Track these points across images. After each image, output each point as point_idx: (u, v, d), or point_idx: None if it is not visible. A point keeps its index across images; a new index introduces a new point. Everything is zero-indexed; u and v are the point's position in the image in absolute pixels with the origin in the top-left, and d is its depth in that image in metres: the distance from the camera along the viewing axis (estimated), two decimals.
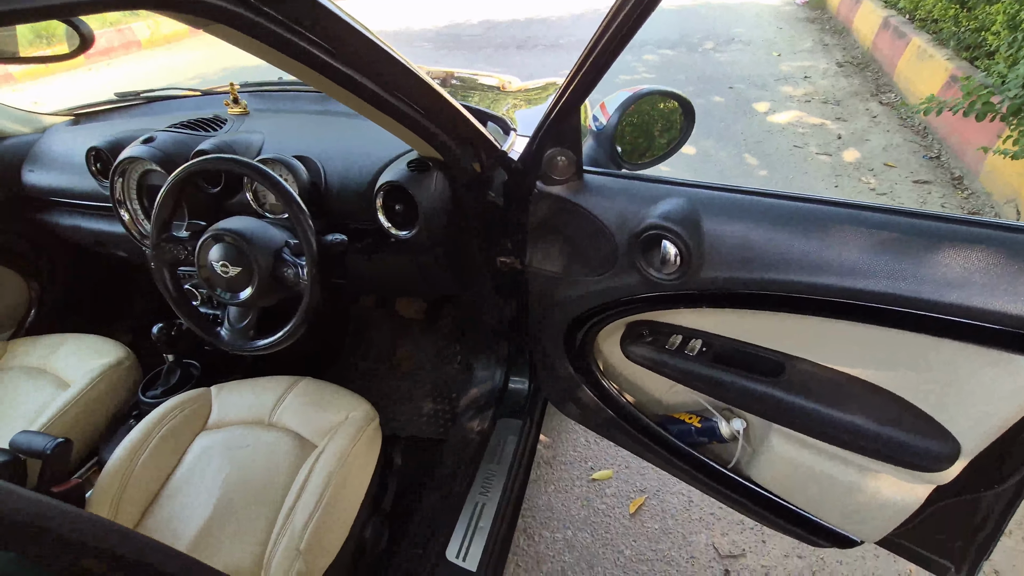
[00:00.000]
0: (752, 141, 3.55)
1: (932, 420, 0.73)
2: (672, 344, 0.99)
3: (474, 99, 1.65)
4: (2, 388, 1.28)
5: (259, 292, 1.00)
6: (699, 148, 3.52)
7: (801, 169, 3.20)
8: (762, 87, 4.39)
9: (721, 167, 3.29)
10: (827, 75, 4.56)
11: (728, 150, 3.47)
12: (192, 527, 0.99)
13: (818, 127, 3.68)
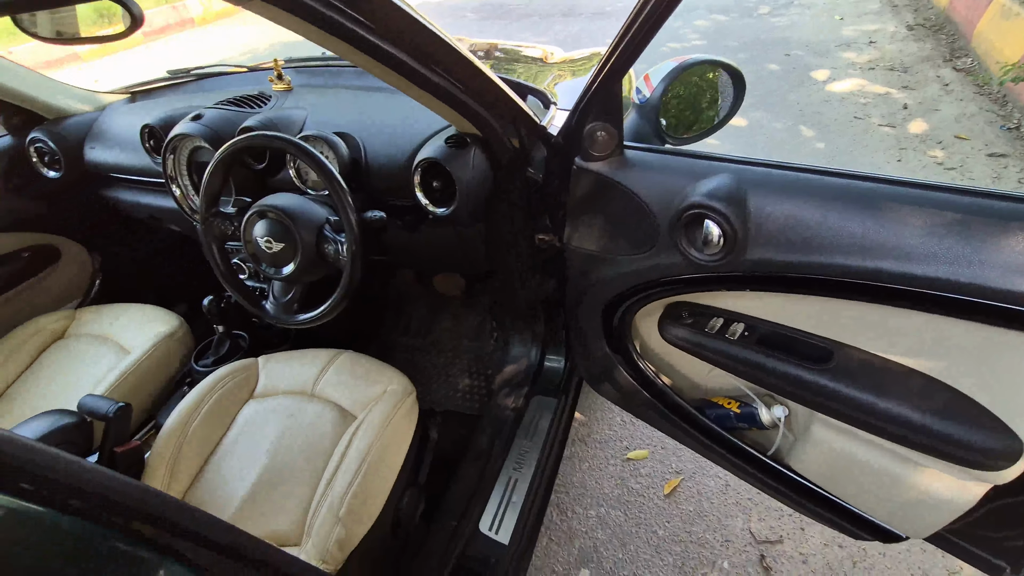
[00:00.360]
0: (809, 112, 3.36)
1: (993, 416, 0.69)
2: (712, 327, 0.96)
3: (517, 72, 1.62)
4: (71, 354, 1.38)
5: (302, 268, 1.03)
6: (751, 120, 3.36)
7: (861, 142, 3.01)
8: (822, 54, 4.12)
9: (774, 140, 3.14)
10: (895, 39, 4.23)
11: (782, 121, 3.30)
12: (241, 490, 1.04)
13: (882, 96, 3.44)
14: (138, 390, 1.28)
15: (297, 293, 1.10)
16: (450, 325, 1.83)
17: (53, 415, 1.05)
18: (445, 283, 1.78)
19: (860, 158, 2.89)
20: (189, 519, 0.52)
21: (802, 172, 0.74)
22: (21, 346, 1.39)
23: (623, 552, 1.46)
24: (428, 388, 1.68)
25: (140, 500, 0.48)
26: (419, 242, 1.23)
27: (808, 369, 0.85)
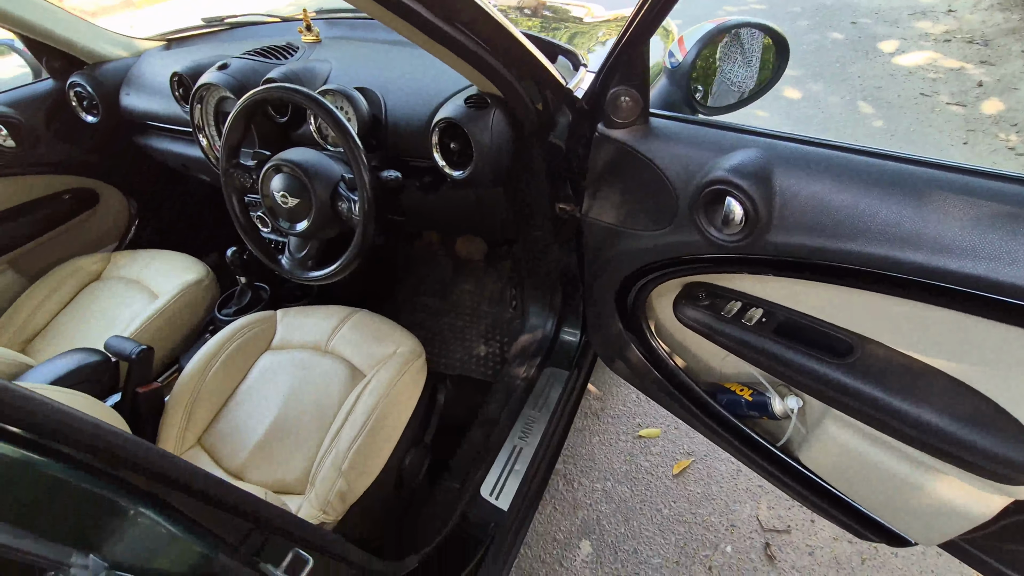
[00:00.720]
0: (870, 86, 3.13)
1: (1019, 424, 0.63)
2: (729, 311, 0.92)
3: (562, 32, 1.56)
4: (105, 295, 1.44)
5: (316, 224, 1.03)
6: (806, 91, 3.16)
7: (925, 121, 2.80)
8: (892, 22, 3.81)
9: (828, 115, 2.94)
10: (978, 8, 3.86)
11: (840, 95, 3.09)
12: (253, 437, 1.08)
13: (955, 72, 3.16)
14: (163, 334, 1.33)
15: (313, 249, 1.10)
16: (471, 288, 1.83)
17: (80, 353, 1.10)
18: (467, 247, 1.76)
19: (921, 139, 2.69)
20: (175, 470, 0.53)
21: (836, 150, 0.68)
22: (61, 285, 1.45)
23: (626, 527, 1.46)
24: (444, 350, 1.69)
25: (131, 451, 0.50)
26: (438, 205, 1.22)
27: (826, 363, 0.80)
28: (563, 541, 1.46)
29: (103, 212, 1.70)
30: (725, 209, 0.75)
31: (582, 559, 1.42)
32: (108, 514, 0.45)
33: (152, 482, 0.51)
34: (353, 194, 1.01)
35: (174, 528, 0.48)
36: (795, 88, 3.24)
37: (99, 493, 0.46)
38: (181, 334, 1.39)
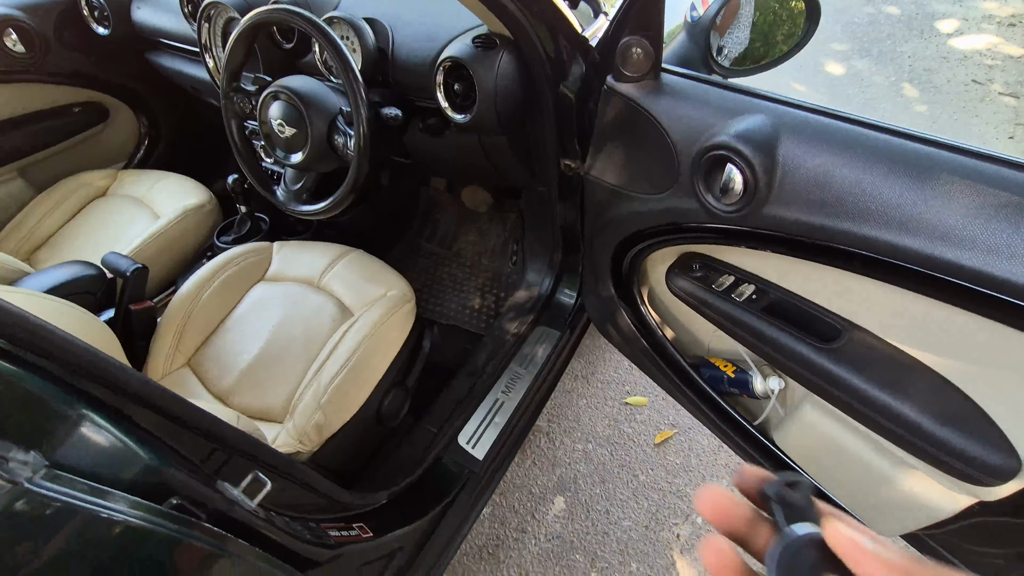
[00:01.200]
0: (920, 68, 2.95)
1: (998, 431, 0.62)
2: (720, 285, 0.89)
3: None
4: (108, 212, 1.45)
5: (312, 156, 1.01)
6: (850, 68, 2.99)
7: (972, 110, 2.64)
8: (955, 0, 3.55)
9: (870, 95, 2.79)
10: None
11: (886, 75, 2.92)
12: (240, 363, 1.10)
13: (1015, 60, 2.96)
14: (161, 255, 1.35)
15: (308, 182, 1.09)
16: (474, 239, 1.81)
17: (77, 265, 1.11)
18: (472, 197, 1.74)
19: (964, 129, 2.55)
20: (141, 386, 0.54)
21: (849, 123, 0.64)
22: (67, 197, 1.47)
23: (601, 488, 1.48)
24: (441, 299, 1.69)
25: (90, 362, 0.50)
26: (443, 149, 1.19)
27: (812, 346, 0.78)
28: (538, 495, 1.49)
29: (113, 129, 1.70)
30: (725, 177, 0.72)
31: (554, 513, 1.45)
32: (56, 418, 0.46)
33: (112, 394, 0.51)
34: (350, 129, 0.98)
35: (127, 438, 0.49)
36: (839, 63, 3.07)
37: (49, 397, 0.46)
38: (179, 257, 1.40)
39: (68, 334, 0.46)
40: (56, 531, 0.40)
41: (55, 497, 0.40)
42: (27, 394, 0.45)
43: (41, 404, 0.45)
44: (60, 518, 0.40)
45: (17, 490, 0.38)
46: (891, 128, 0.62)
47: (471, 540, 1.42)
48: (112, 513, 0.42)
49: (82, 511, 0.41)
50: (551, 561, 1.37)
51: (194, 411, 0.58)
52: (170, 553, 0.46)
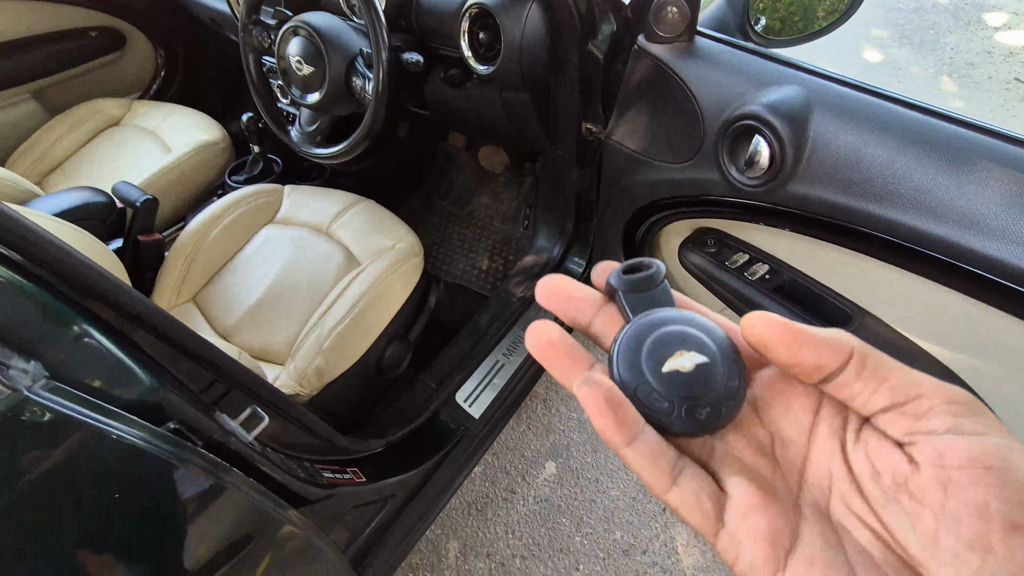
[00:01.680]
0: (962, 61, 2.84)
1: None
2: (734, 262, 0.88)
3: None
4: (120, 142, 1.43)
5: (328, 97, 0.99)
6: (888, 56, 2.89)
7: (1011, 110, 2.55)
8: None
9: (905, 86, 2.70)
10: None
11: (924, 66, 2.81)
12: (245, 303, 1.10)
13: None
14: (172, 189, 1.34)
15: (323, 124, 1.07)
16: (488, 202, 1.79)
17: (87, 191, 1.11)
18: (489, 157, 1.71)
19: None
20: (144, 308, 0.54)
21: (886, 100, 0.62)
22: (81, 123, 1.45)
23: (592, 457, 1.50)
24: (449, 257, 1.68)
25: (97, 281, 0.50)
26: (463, 103, 1.16)
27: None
28: (530, 459, 1.51)
29: (129, 58, 1.66)
30: (751, 149, 0.70)
31: (544, 477, 1.48)
32: (58, 332, 0.46)
33: (114, 314, 0.51)
34: (370, 71, 0.96)
35: (128, 359, 0.49)
36: (877, 50, 2.96)
37: (53, 311, 0.46)
38: (190, 192, 1.39)
39: (75, 250, 0.46)
40: (54, 442, 0.41)
41: (55, 408, 0.40)
42: (31, 306, 0.45)
43: (44, 317, 0.45)
44: (59, 430, 0.41)
45: (16, 397, 0.39)
46: (930, 109, 0.60)
47: (461, 496, 1.44)
48: (111, 430, 0.42)
49: (81, 425, 0.41)
50: (537, 522, 1.40)
51: (196, 339, 0.58)
52: (165, 475, 0.46)
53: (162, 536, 0.49)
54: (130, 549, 0.46)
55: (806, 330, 0.22)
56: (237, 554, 0.58)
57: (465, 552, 1.36)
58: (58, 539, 0.41)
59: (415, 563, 1.34)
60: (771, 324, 0.22)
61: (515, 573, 1.32)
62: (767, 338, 0.22)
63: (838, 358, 0.21)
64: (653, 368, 0.23)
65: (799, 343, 0.21)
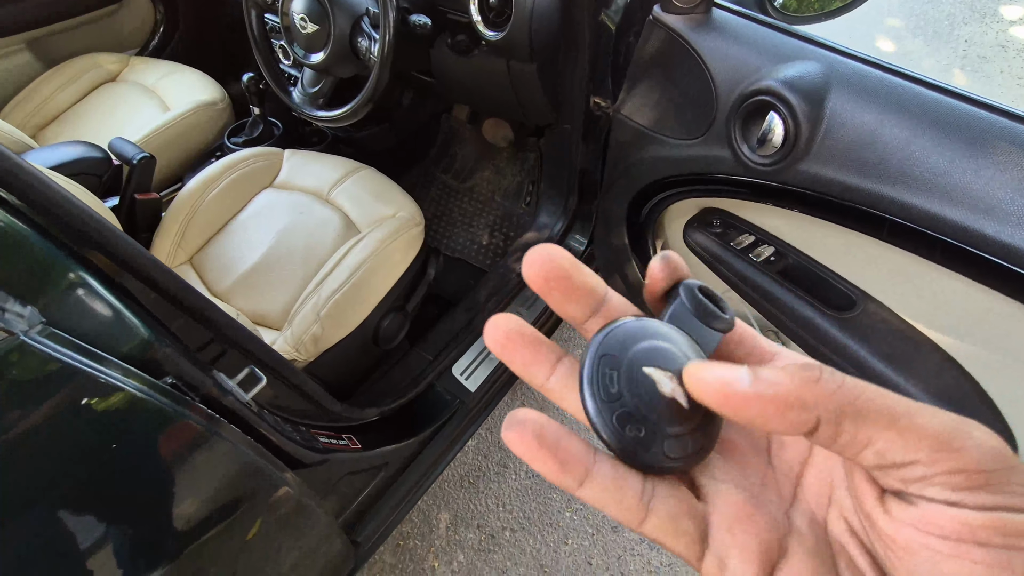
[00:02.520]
0: (974, 55, 2.80)
1: (998, 414, 0.61)
2: (739, 243, 0.87)
3: None
4: (116, 98, 1.40)
5: (332, 57, 0.96)
6: (901, 47, 2.85)
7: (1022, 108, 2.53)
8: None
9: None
10: None
11: (937, 58, 2.78)
12: (241, 266, 1.09)
13: None
14: (169, 148, 1.31)
15: (326, 87, 1.04)
16: (489, 177, 1.76)
17: (83, 146, 1.08)
18: (493, 131, 1.68)
19: None
20: (143, 259, 0.52)
21: (907, 80, 0.60)
22: (77, 77, 1.41)
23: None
24: (449, 231, 1.67)
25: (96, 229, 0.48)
26: (468, 71, 1.13)
27: (823, 313, 0.77)
28: None
29: (127, 11, 1.61)
30: (765, 126, 0.68)
31: None
32: (56, 279, 0.45)
33: (112, 264, 0.50)
34: (375, 32, 0.93)
35: (126, 310, 0.48)
36: (890, 40, 2.92)
37: (50, 258, 0.45)
38: (187, 152, 1.36)
39: (75, 197, 0.45)
40: (50, 389, 0.40)
41: (51, 355, 0.39)
42: (28, 251, 0.44)
43: (41, 263, 0.44)
44: (55, 376, 0.40)
45: (12, 341, 0.38)
46: (952, 90, 0.58)
47: (453, 468, 1.46)
48: (109, 379, 0.42)
49: (78, 373, 0.41)
50: (528, 496, 1.41)
51: (195, 295, 0.57)
52: (162, 427, 0.46)
53: (156, 490, 0.48)
54: (125, 501, 0.46)
55: (753, 393, 0.17)
56: (231, 514, 0.57)
57: (456, 523, 1.37)
58: (53, 486, 0.41)
59: (406, 532, 1.35)
60: (708, 382, 0.18)
61: (505, 545, 1.34)
62: (707, 399, 0.18)
63: (800, 426, 0.17)
64: (636, 386, 0.20)
65: (744, 406, 0.17)
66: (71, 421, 0.41)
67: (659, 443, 0.19)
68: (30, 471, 0.40)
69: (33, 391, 0.40)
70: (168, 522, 0.50)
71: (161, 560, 0.50)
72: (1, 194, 0.42)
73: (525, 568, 1.31)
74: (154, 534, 0.50)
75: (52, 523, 0.42)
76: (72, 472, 0.42)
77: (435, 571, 1.30)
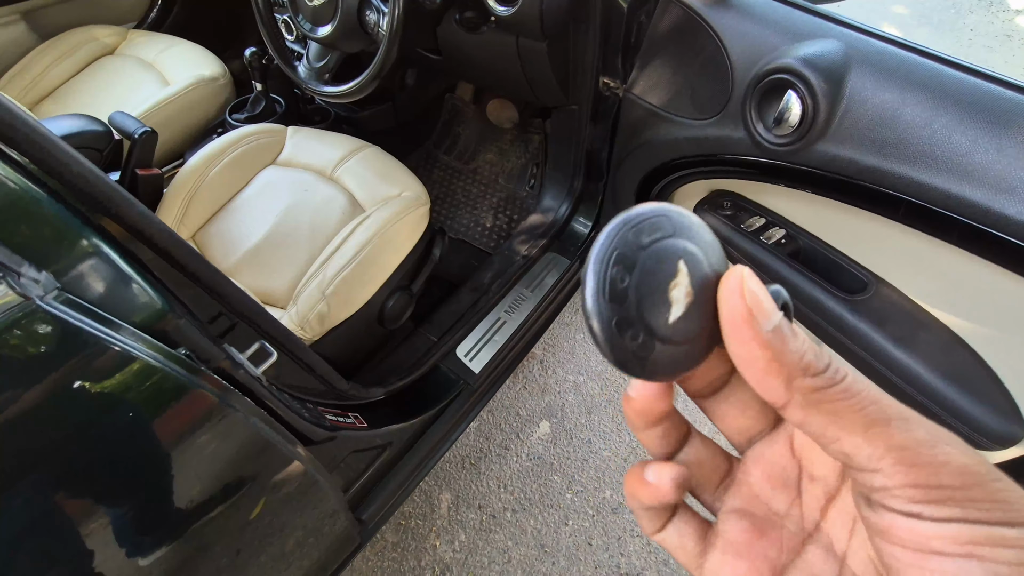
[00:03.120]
0: (979, 44, 2.79)
1: (1007, 395, 0.61)
2: (750, 226, 0.87)
3: None
4: (116, 72, 1.37)
5: (339, 32, 0.94)
6: (906, 35, 2.82)
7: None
8: None
9: None
10: None
11: (941, 46, 2.76)
12: (245, 244, 1.08)
13: None
14: (170, 124, 1.29)
15: (332, 62, 1.02)
16: (493, 158, 1.75)
17: (83, 119, 1.06)
18: (498, 112, 1.66)
19: None
20: (157, 228, 0.52)
21: (929, 58, 0.60)
22: (74, 50, 1.38)
23: (587, 419, 1.52)
24: (453, 213, 1.66)
25: (110, 197, 0.47)
26: (476, 48, 1.11)
27: (834, 296, 0.77)
28: (525, 417, 1.52)
29: None
30: (782, 106, 0.67)
31: (538, 436, 1.49)
32: (71, 246, 0.44)
33: (126, 233, 0.49)
34: (384, 5, 0.91)
35: (140, 279, 0.48)
36: (896, 28, 2.90)
37: (65, 224, 0.44)
38: (188, 128, 1.34)
39: (88, 161, 0.44)
40: (65, 355, 0.39)
41: (67, 320, 0.39)
42: (43, 216, 0.43)
43: (56, 229, 0.43)
44: (70, 342, 0.39)
45: (28, 306, 0.37)
46: (975, 68, 0.58)
47: (455, 450, 1.46)
48: (125, 347, 0.41)
49: (93, 339, 0.40)
50: (529, 478, 1.42)
51: (208, 267, 0.56)
52: (177, 397, 0.45)
53: (170, 461, 0.48)
54: (138, 470, 0.45)
55: (763, 337, 0.18)
56: (242, 487, 0.57)
57: (457, 503, 1.38)
58: (65, 453, 0.40)
59: (408, 511, 1.36)
60: (742, 299, 0.18)
61: (506, 525, 1.35)
62: (729, 310, 0.19)
63: (769, 393, 0.18)
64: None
65: (747, 340, 0.18)
66: (82, 388, 0.40)
67: (654, 351, 0.19)
68: (43, 439, 0.39)
69: (47, 357, 0.39)
70: (179, 494, 0.50)
71: (168, 535, 0.50)
72: (17, 158, 0.41)
73: (526, 548, 1.32)
74: (162, 507, 0.49)
75: (62, 491, 0.42)
76: (86, 441, 0.41)
77: (436, 550, 1.31)
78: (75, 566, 0.42)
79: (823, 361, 0.18)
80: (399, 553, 1.31)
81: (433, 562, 1.30)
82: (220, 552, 0.59)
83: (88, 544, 0.43)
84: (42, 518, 0.41)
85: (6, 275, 0.37)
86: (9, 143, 0.40)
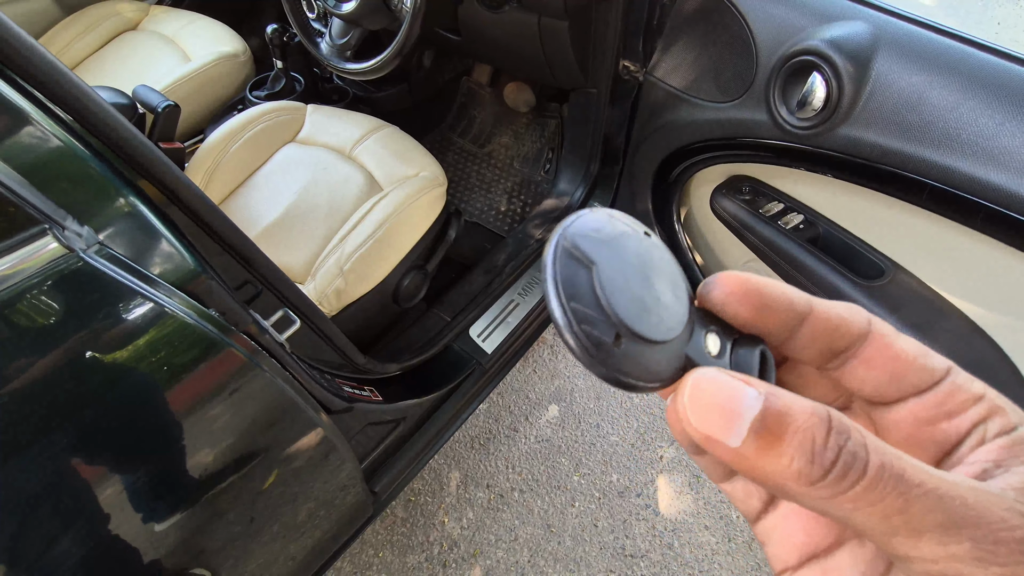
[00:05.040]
0: (1007, 38, 2.73)
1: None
2: (768, 211, 0.87)
3: None
4: (137, 47, 1.38)
5: (362, 8, 0.95)
6: None
7: None
8: None
9: None
10: None
11: None
12: (265, 219, 1.09)
13: None
14: (190, 99, 1.30)
15: (354, 39, 1.03)
16: (508, 142, 1.75)
17: (108, 91, 1.08)
18: (515, 95, 1.66)
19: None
20: (187, 189, 0.53)
21: (959, 41, 0.59)
22: (96, 24, 1.40)
23: (595, 403, 1.53)
24: (467, 196, 1.66)
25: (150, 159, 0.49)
26: (497, 27, 1.11)
27: (852, 282, 0.77)
28: (534, 400, 1.54)
29: None
30: (806, 88, 0.67)
31: (547, 419, 1.51)
32: (112, 204, 0.45)
33: (163, 196, 0.51)
34: None
35: (177, 242, 0.49)
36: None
37: (107, 183, 0.45)
38: (208, 104, 1.35)
39: (129, 123, 0.45)
40: (106, 307, 0.41)
41: (108, 274, 0.40)
42: (87, 174, 0.44)
43: (99, 188, 0.45)
44: (111, 294, 0.40)
45: (72, 257, 0.38)
46: (1004, 51, 0.57)
47: (465, 430, 1.48)
48: (162, 303, 0.42)
49: (132, 293, 0.41)
50: (537, 460, 1.43)
51: (239, 234, 0.57)
52: (210, 354, 0.47)
53: (200, 417, 0.50)
54: (171, 425, 0.47)
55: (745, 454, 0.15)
56: (267, 449, 0.59)
57: (466, 482, 1.40)
58: (105, 402, 0.42)
59: (418, 488, 1.38)
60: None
61: (513, 504, 1.37)
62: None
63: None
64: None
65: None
66: (121, 340, 0.42)
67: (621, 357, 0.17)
68: (83, 388, 0.41)
69: (89, 308, 0.40)
70: (206, 453, 0.51)
71: (186, 497, 0.51)
72: (63, 116, 0.42)
73: (532, 527, 1.34)
74: (193, 462, 0.51)
75: (98, 440, 0.43)
76: (124, 391, 0.43)
77: (444, 526, 1.34)
78: (115, 511, 0.44)
79: (827, 457, 0.14)
80: (408, 528, 1.34)
81: (441, 538, 1.32)
82: (240, 515, 0.60)
83: (115, 500, 0.45)
84: (82, 464, 0.42)
85: (52, 227, 0.38)
86: (60, 103, 0.42)
